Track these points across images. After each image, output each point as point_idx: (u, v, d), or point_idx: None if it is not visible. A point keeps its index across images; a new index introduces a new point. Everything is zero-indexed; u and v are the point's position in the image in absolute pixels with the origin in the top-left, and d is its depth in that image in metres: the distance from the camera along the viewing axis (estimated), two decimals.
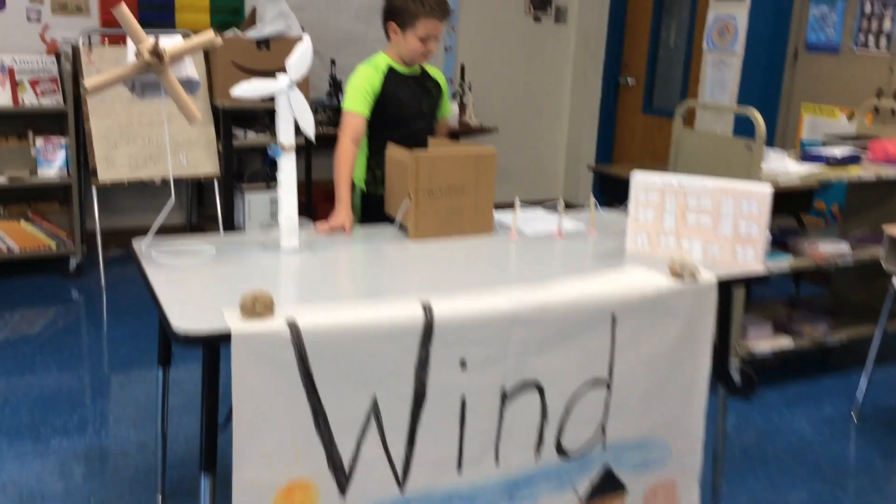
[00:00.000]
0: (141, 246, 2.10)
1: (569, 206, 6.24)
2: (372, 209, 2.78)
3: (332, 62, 4.92)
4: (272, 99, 2.12)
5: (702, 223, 2.24)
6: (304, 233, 2.28)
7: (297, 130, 2.16)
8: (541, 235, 2.49)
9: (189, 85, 1.97)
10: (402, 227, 2.42)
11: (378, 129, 2.77)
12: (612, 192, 4.61)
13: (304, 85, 2.12)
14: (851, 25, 4.18)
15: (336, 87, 4.89)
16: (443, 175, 2.35)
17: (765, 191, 2.17)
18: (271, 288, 1.76)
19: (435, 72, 2.93)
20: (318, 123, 4.52)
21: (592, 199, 2.53)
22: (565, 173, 6.21)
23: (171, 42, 1.91)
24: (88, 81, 1.84)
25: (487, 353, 1.87)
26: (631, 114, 5.82)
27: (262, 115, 4.75)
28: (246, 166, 4.98)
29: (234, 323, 1.64)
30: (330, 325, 1.71)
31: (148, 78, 1.94)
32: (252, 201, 4.66)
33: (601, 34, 5.79)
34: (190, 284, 1.92)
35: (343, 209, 2.53)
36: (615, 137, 5.98)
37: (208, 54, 4.43)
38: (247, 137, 4.63)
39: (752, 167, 3.01)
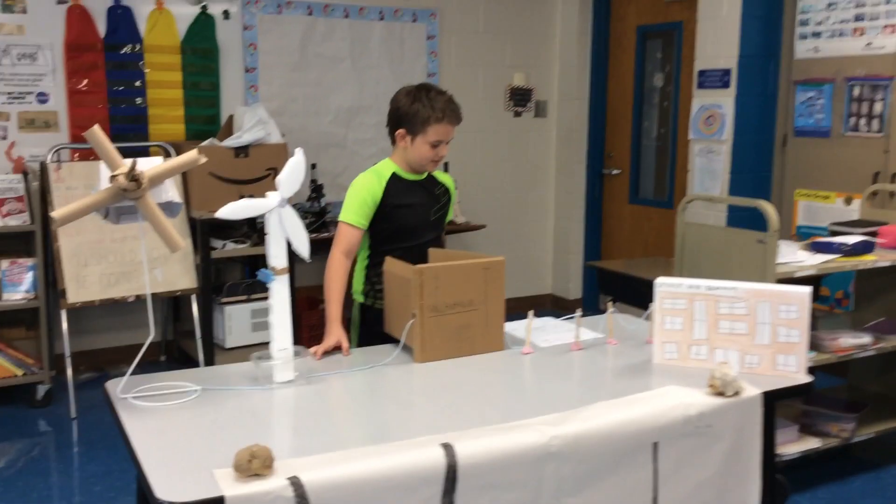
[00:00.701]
0: (116, 390, 1.85)
1: (561, 301, 6.14)
2: (371, 323, 2.56)
3: (313, 166, 4.78)
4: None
5: (736, 330, 2.05)
6: (298, 360, 2.04)
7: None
8: (556, 348, 2.28)
9: (169, 208, 1.78)
10: (406, 347, 2.21)
11: (382, 241, 2.55)
12: (608, 287, 4.44)
13: None
14: (841, 109, 4.13)
15: (317, 191, 4.74)
16: (449, 289, 2.15)
17: (804, 292, 1.99)
18: (265, 433, 1.53)
19: (443, 176, 2.71)
20: None
21: (611, 307, 2.33)
22: (553, 266, 6.06)
23: (149, 164, 1.72)
24: (57, 212, 1.64)
25: (519, 497, 1.64)
26: (617, 204, 5.73)
27: (242, 225, 4.56)
28: (225, 277, 4.75)
29: (228, 487, 1.40)
30: (338, 479, 1.48)
31: (123, 203, 1.74)
32: (232, 314, 4.41)
33: (582, 126, 5.74)
34: (173, 435, 1.67)
35: (335, 328, 2.32)
36: (603, 228, 5.86)
37: None
38: (225, 248, 4.42)
39: (766, 262, 2.85)
